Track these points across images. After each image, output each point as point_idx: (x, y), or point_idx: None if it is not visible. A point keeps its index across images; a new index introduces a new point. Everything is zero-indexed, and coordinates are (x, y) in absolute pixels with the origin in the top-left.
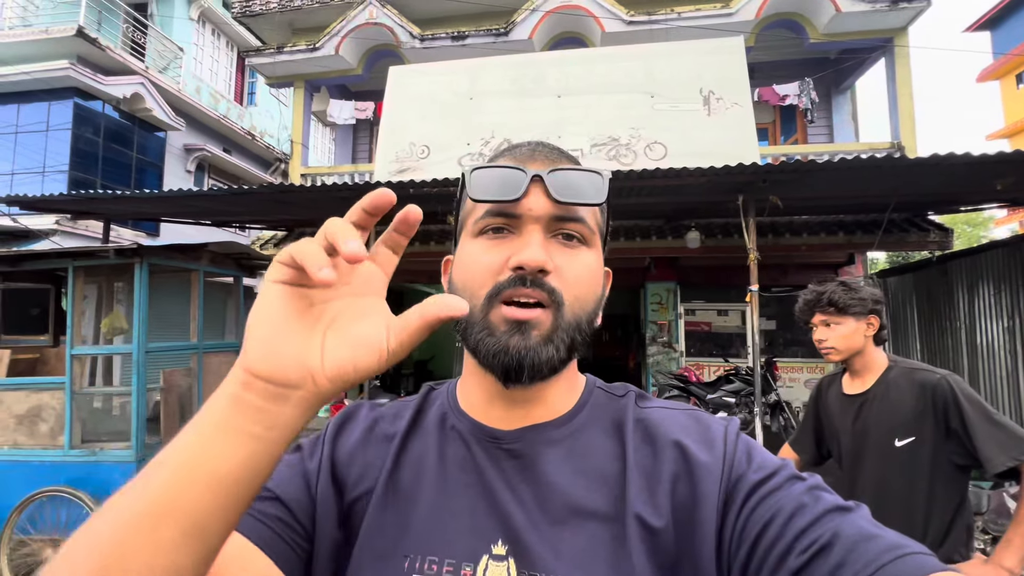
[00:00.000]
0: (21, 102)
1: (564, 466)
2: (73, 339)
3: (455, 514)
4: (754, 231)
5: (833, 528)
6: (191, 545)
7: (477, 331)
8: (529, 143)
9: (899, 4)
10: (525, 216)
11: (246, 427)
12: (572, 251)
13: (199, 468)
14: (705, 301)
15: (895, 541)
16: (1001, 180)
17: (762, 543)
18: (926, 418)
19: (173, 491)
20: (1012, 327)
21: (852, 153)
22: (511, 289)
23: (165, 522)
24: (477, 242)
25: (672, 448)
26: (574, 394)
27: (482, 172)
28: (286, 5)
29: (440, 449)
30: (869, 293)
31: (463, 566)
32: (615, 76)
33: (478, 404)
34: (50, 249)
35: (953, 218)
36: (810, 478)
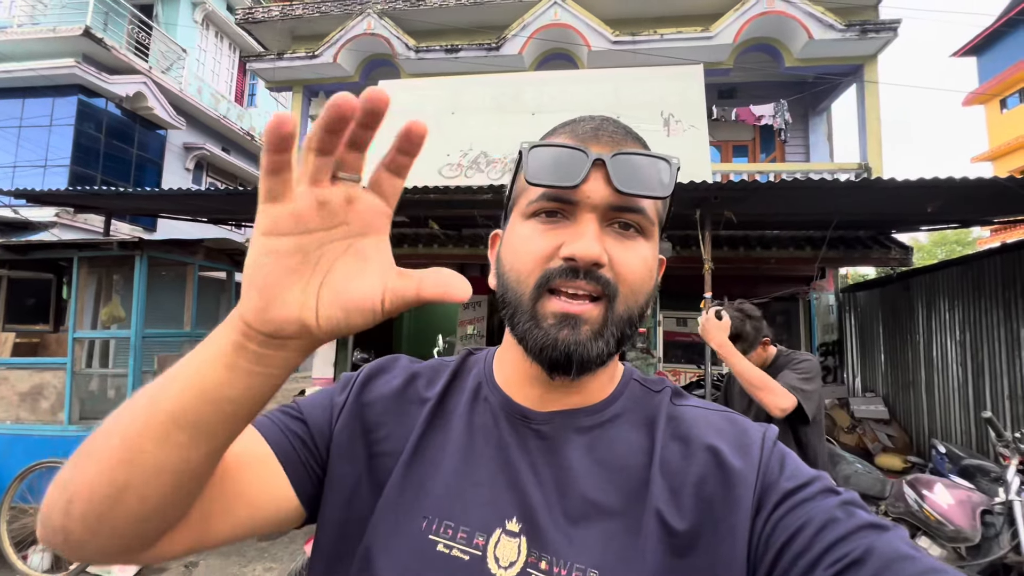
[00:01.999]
0: (26, 97)
1: (589, 454)
2: (75, 323)
3: (476, 484)
4: (709, 243)
5: (866, 545)
6: (199, 446)
7: (524, 320)
8: (593, 118)
9: (867, 34)
10: (582, 203)
11: (248, 366)
12: (629, 242)
13: (207, 390)
14: (684, 310)
15: (932, 564)
16: (931, 203)
17: (788, 552)
18: None
19: (184, 405)
20: (964, 341)
21: (823, 172)
22: (562, 280)
23: (177, 427)
24: (528, 224)
25: (705, 451)
26: (611, 383)
27: (541, 151)
28: (287, 13)
29: (470, 418)
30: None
31: (476, 535)
32: (586, 96)
33: (514, 381)
34: (57, 240)
35: (944, 236)
36: (845, 493)
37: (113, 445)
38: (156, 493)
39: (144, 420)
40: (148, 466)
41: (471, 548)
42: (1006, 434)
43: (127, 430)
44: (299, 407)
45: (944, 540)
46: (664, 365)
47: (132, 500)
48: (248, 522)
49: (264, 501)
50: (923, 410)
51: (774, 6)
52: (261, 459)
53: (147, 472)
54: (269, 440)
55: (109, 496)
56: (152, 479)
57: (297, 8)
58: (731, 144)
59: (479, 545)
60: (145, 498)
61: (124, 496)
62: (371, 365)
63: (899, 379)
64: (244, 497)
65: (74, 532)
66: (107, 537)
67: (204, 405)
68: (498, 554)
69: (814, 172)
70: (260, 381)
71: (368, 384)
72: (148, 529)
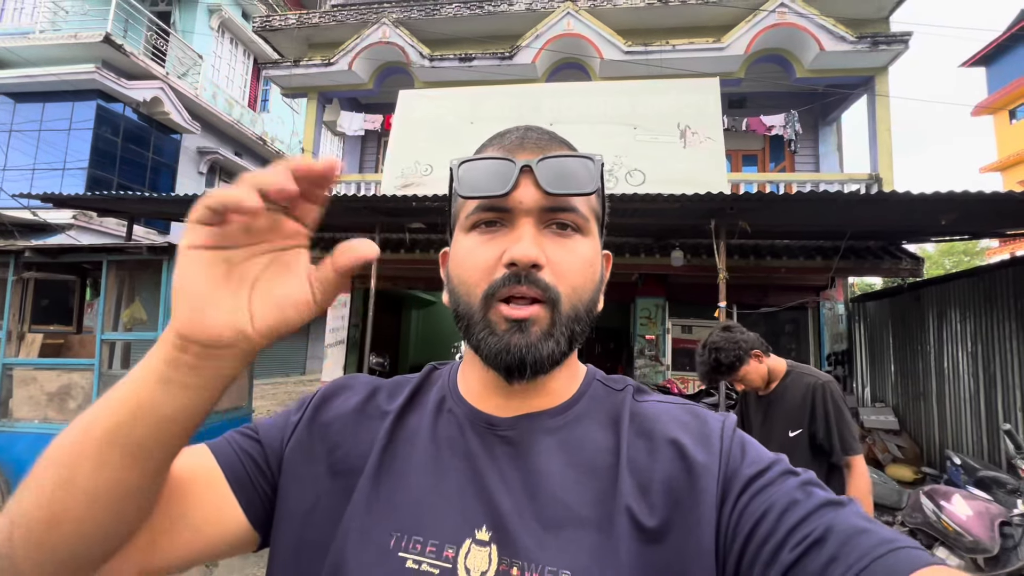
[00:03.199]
0: (46, 101)
1: (556, 456)
2: (103, 325)
3: (443, 496)
4: (724, 252)
5: (826, 523)
6: (134, 467)
7: (478, 331)
8: (518, 128)
9: (878, 46)
10: (516, 209)
11: (184, 380)
12: (567, 241)
13: (141, 408)
14: (692, 318)
15: (887, 535)
16: (944, 216)
17: (755, 538)
18: (805, 412)
19: (118, 424)
20: (975, 352)
21: (833, 182)
22: (507, 288)
23: (111, 447)
24: (469, 237)
25: (668, 445)
26: (573, 383)
27: (470, 165)
28: (304, 21)
29: (434, 431)
30: (736, 343)
31: (445, 547)
32: (603, 108)
33: (477, 391)
34: (89, 244)
35: (952, 246)
36: (803, 473)
37: (50, 469)
38: (93, 517)
39: (80, 442)
40: (84, 489)
41: (440, 561)
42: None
43: (64, 454)
44: (256, 427)
45: (962, 551)
46: (672, 373)
47: (70, 524)
48: (197, 546)
49: (213, 525)
50: (934, 421)
51: (786, 18)
52: (210, 481)
53: (83, 495)
54: (220, 461)
55: (46, 520)
56: (88, 502)
57: (313, 16)
58: (741, 153)
59: (448, 557)
60: (82, 521)
61: (61, 521)
62: (328, 384)
63: (909, 390)
64: (191, 521)
65: (16, 559)
66: (48, 564)
67: (138, 424)
68: (468, 565)
69: (824, 182)
70: (194, 396)
71: (324, 403)
72: (89, 554)
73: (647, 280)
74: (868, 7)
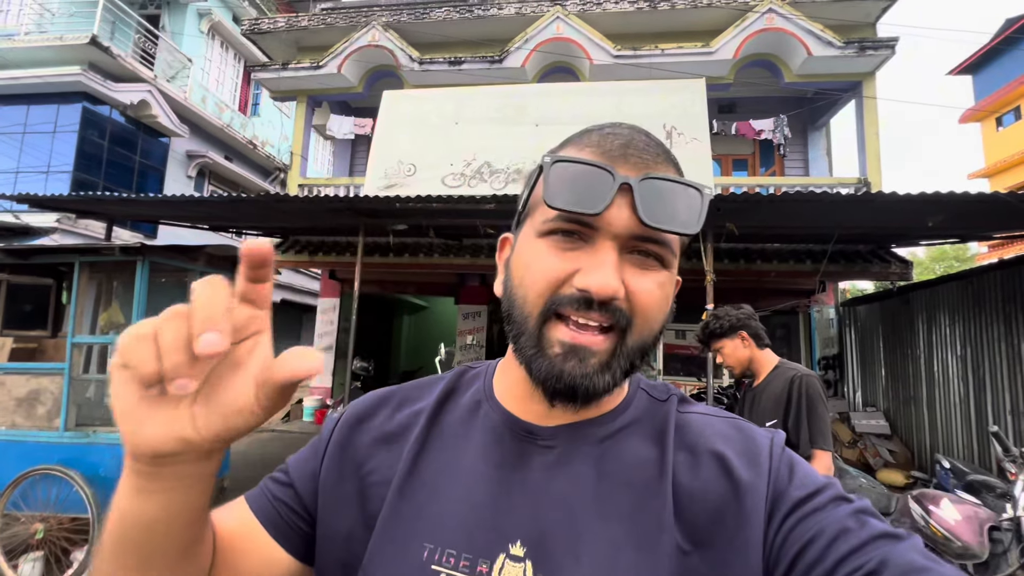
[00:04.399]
0: (31, 103)
1: (598, 469)
2: (75, 328)
3: (477, 508)
4: (711, 254)
5: (881, 555)
6: (153, 564)
7: (529, 346)
8: (623, 128)
9: (865, 51)
10: (603, 230)
11: (151, 487)
12: (649, 273)
13: (132, 517)
14: (685, 322)
15: (950, 574)
16: (931, 217)
17: (800, 564)
18: (781, 404)
19: (120, 533)
20: (964, 356)
21: (823, 187)
22: (573, 308)
23: (125, 552)
24: (542, 243)
25: (713, 460)
26: (620, 392)
27: (564, 168)
28: (293, 24)
29: (469, 437)
30: (731, 317)
31: (480, 563)
32: (589, 109)
33: (517, 396)
34: (59, 245)
35: (943, 251)
36: (857, 501)
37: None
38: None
39: (104, 553)
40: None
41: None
42: (1013, 449)
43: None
44: (288, 468)
45: (951, 557)
46: (664, 378)
47: None
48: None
49: (265, 572)
50: (924, 425)
51: (774, 23)
52: (250, 534)
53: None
54: (257, 513)
55: None
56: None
57: (303, 19)
58: (731, 158)
59: (482, 573)
60: None
61: None
62: (352, 404)
63: (900, 394)
64: (244, 573)
65: None
66: None
67: (134, 530)
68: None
69: (813, 186)
70: (170, 498)
71: (350, 422)
72: None
73: None
74: (855, 13)
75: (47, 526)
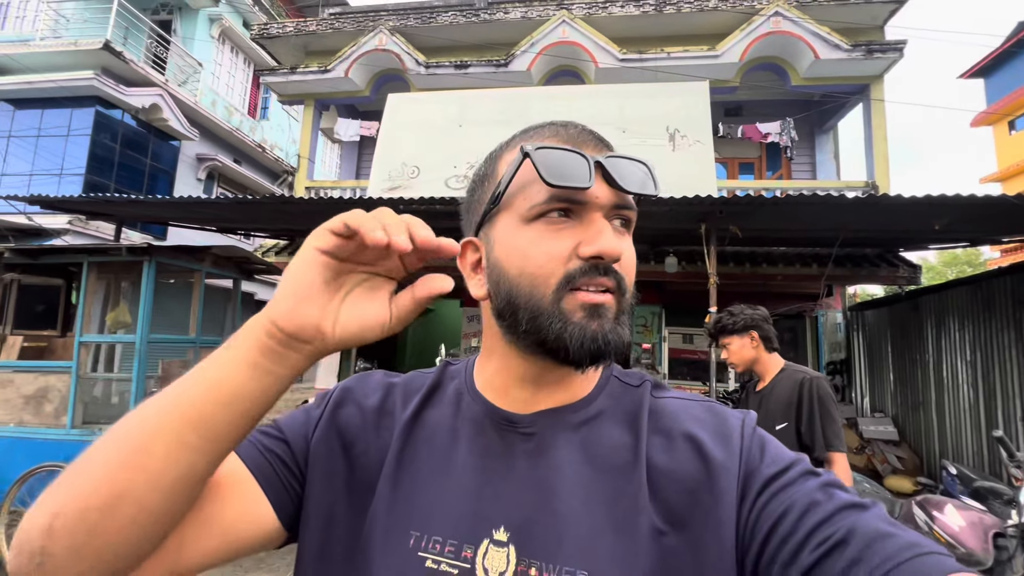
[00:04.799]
0: (44, 107)
1: (576, 454)
2: (83, 327)
3: (461, 495)
4: (715, 257)
5: (848, 525)
6: (206, 449)
7: (552, 322)
8: (568, 123)
9: (873, 54)
10: (591, 203)
11: (266, 365)
12: (625, 238)
13: (224, 391)
14: (690, 326)
15: (912, 540)
16: (938, 220)
17: (774, 538)
18: (792, 407)
19: (201, 407)
20: (974, 361)
21: (830, 190)
22: (587, 278)
23: (191, 428)
24: (532, 228)
25: (687, 443)
26: (591, 379)
27: (547, 153)
28: (302, 29)
29: (453, 428)
30: (745, 316)
31: (464, 548)
32: (592, 112)
33: (498, 387)
34: (68, 245)
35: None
36: (824, 474)
37: (115, 451)
38: (154, 501)
39: (157, 422)
40: (152, 470)
41: (459, 561)
42: (1018, 454)
43: (136, 434)
44: (278, 426)
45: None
46: (669, 382)
47: (129, 509)
48: (225, 546)
49: (243, 524)
50: (933, 431)
51: (780, 26)
52: (238, 482)
53: (150, 477)
54: (247, 462)
55: (104, 505)
56: (156, 484)
57: (311, 24)
58: (737, 161)
59: (467, 557)
60: (140, 508)
61: (121, 504)
62: (346, 381)
63: (908, 399)
64: (221, 521)
65: (56, 554)
66: (90, 561)
67: (220, 405)
68: (487, 565)
69: (820, 189)
70: (273, 381)
71: (344, 400)
72: (133, 549)
73: (642, 287)
74: (863, 15)
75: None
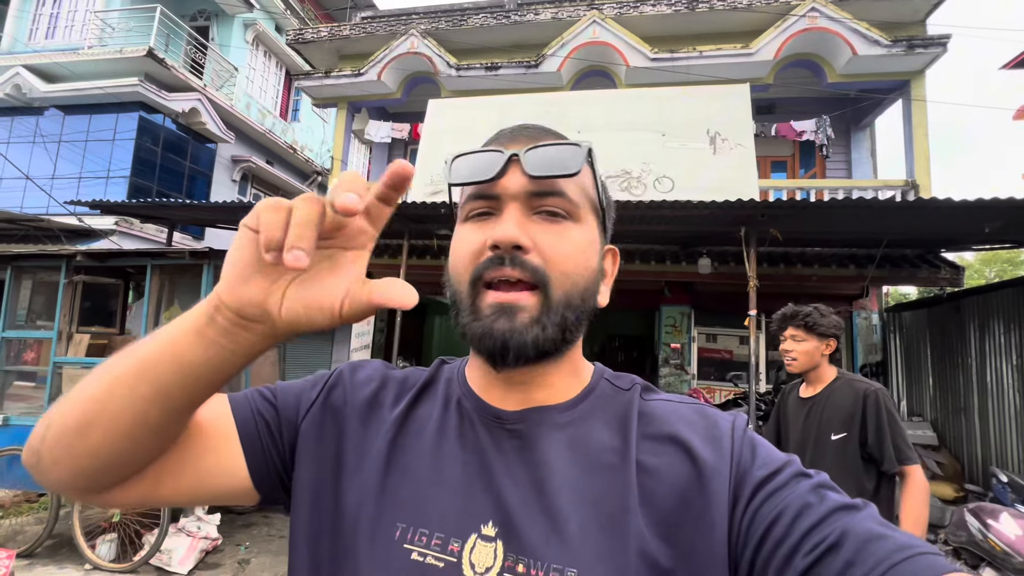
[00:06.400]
0: (92, 113)
1: (564, 453)
2: (147, 327)
3: (450, 490)
4: (755, 260)
5: (841, 527)
6: (158, 403)
7: (465, 316)
8: (514, 126)
9: (915, 49)
10: (503, 196)
11: (212, 336)
12: (556, 227)
13: (174, 352)
14: (719, 327)
15: (906, 541)
16: (988, 224)
17: (768, 542)
18: (855, 419)
19: (153, 361)
20: (1021, 366)
21: (867, 189)
22: (491, 270)
23: (142, 380)
24: (464, 227)
25: (677, 446)
26: (580, 380)
27: (462, 159)
28: (336, 34)
29: (443, 423)
30: (835, 321)
31: (451, 541)
32: (630, 115)
33: (482, 384)
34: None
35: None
36: (816, 475)
37: (91, 386)
38: (115, 435)
39: (120, 369)
40: (114, 409)
41: (445, 555)
42: None
43: (106, 375)
44: (274, 391)
45: (1011, 571)
46: (698, 382)
47: (95, 436)
48: (199, 491)
49: (217, 476)
50: (976, 437)
51: (817, 23)
52: (222, 435)
53: (112, 413)
54: (236, 418)
55: (77, 427)
56: (115, 421)
57: (344, 29)
58: (769, 160)
59: (454, 551)
60: (106, 436)
61: (89, 431)
62: (346, 365)
63: (949, 404)
64: (198, 467)
65: (44, 457)
66: (67, 469)
67: (168, 365)
68: (473, 560)
69: (857, 188)
70: (220, 354)
71: (339, 385)
72: (104, 471)
73: (672, 288)
74: (904, 10)
75: (122, 509)
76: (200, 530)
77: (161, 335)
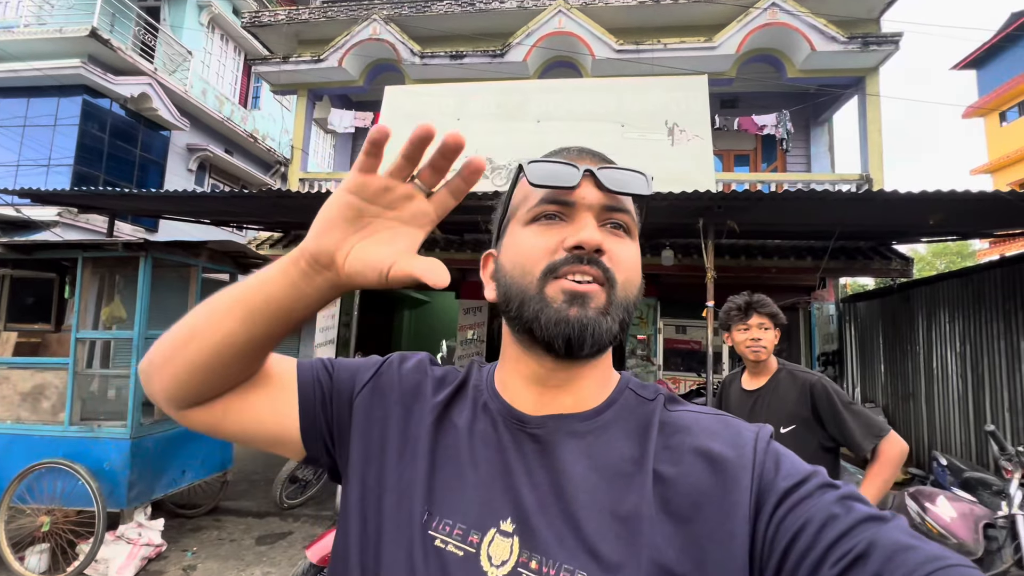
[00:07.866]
0: (31, 96)
1: (582, 459)
2: (79, 323)
3: (474, 485)
4: (712, 252)
5: (868, 538)
6: (245, 327)
7: (534, 305)
8: (574, 146)
9: (869, 46)
10: (579, 204)
11: (294, 278)
12: (620, 239)
13: (262, 288)
14: (684, 318)
15: (935, 552)
16: (933, 216)
17: (792, 553)
18: (804, 410)
19: (248, 293)
20: (964, 353)
21: (824, 183)
22: (568, 266)
23: (237, 306)
24: (530, 228)
25: (698, 454)
26: (605, 389)
27: (539, 164)
28: (293, 17)
29: (472, 423)
30: (783, 316)
31: (471, 533)
32: (590, 106)
33: (511, 387)
34: (62, 240)
35: (945, 247)
36: (843, 487)
37: (199, 309)
38: (208, 350)
39: (223, 297)
40: (211, 325)
41: (465, 545)
42: (1009, 447)
43: (212, 302)
44: (334, 363)
45: None
46: (664, 373)
47: (193, 347)
48: (253, 430)
49: (273, 424)
50: (923, 422)
51: (777, 17)
52: (285, 388)
53: (209, 330)
54: (300, 378)
55: (182, 339)
56: (210, 337)
57: (303, 12)
58: (733, 153)
59: (473, 543)
60: (200, 350)
61: (190, 342)
62: (396, 355)
63: (899, 390)
64: (259, 410)
65: (154, 362)
66: (169, 376)
67: (258, 295)
68: (491, 552)
69: (815, 182)
70: (296, 294)
71: (389, 371)
72: (194, 385)
73: None
74: (859, 7)
75: (53, 519)
76: (141, 536)
77: (260, 274)
